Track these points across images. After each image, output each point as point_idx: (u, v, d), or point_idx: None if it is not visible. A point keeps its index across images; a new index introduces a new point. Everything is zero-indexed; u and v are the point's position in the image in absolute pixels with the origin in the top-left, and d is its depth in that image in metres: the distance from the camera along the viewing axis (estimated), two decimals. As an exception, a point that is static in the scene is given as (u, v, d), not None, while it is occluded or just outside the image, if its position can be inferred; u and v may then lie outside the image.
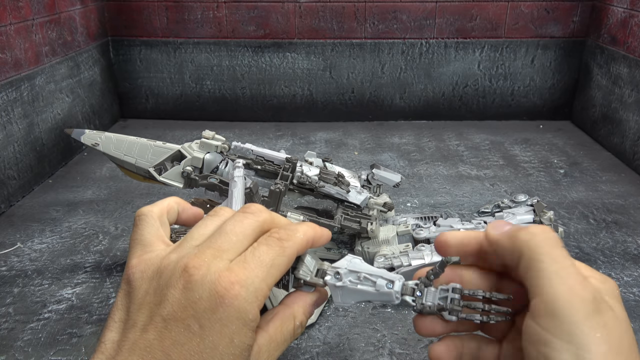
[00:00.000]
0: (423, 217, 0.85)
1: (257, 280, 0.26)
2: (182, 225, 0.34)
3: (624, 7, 1.29)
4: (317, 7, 1.46)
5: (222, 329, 0.24)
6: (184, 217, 0.34)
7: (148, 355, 0.24)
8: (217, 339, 0.24)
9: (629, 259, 0.85)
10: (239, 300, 0.25)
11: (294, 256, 0.29)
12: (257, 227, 0.29)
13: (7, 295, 0.76)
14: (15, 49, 1.07)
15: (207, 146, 0.79)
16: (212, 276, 0.25)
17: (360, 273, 0.31)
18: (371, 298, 0.31)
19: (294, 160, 0.80)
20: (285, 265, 0.28)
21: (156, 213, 0.31)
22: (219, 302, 0.24)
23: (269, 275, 0.27)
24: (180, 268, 0.25)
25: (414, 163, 1.26)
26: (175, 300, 0.25)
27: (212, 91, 1.57)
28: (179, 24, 1.49)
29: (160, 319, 0.25)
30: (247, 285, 0.25)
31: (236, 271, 0.26)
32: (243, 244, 0.28)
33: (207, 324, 0.24)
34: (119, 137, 0.80)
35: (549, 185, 1.13)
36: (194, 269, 0.25)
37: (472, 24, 1.47)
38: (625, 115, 1.27)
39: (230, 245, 0.27)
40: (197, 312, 0.24)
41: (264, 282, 0.26)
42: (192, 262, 0.25)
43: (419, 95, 1.56)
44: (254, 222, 0.29)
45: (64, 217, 0.99)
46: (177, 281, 0.25)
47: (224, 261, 0.26)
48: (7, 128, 1.04)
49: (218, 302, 0.24)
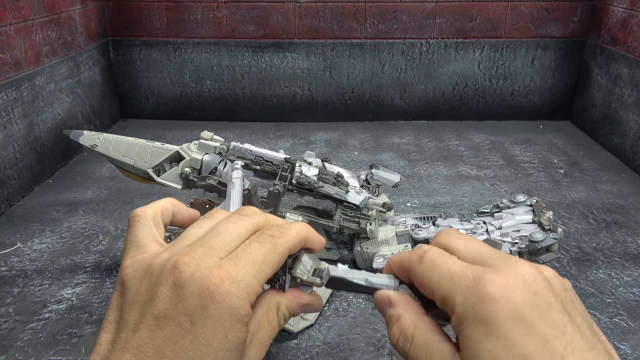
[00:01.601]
0: (422, 217, 0.85)
1: (247, 276, 0.26)
2: (178, 226, 0.34)
3: (624, 7, 1.29)
4: (317, 7, 1.46)
5: (214, 325, 0.24)
6: (179, 218, 0.34)
7: (141, 353, 0.24)
8: (210, 335, 0.24)
9: (629, 259, 0.85)
10: (230, 297, 0.25)
11: (286, 253, 0.29)
12: (251, 229, 0.29)
13: (7, 295, 0.76)
14: (15, 49, 1.07)
15: (205, 147, 0.79)
16: (202, 272, 0.25)
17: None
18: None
19: (292, 160, 0.80)
20: (277, 262, 0.28)
21: (150, 214, 0.31)
22: (209, 299, 0.24)
23: (260, 271, 0.27)
24: (170, 265, 0.25)
25: (414, 163, 1.26)
26: (166, 297, 0.25)
27: (212, 91, 1.57)
28: (179, 24, 1.49)
29: (151, 317, 0.25)
30: (238, 281, 0.25)
31: (226, 268, 0.26)
32: (235, 244, 0.28)
33: (199, 321, 0.24)
34: (117, 138, 0.80)
35: (549, 185, 1.13)
36: (183, 266, 0.25)
37: (472, 24, 1.47)
38: (625, 115, 1.27)
39: (222, 244, 0.27)
40: (188, 309, 0.24)
41: (255, 278, 0.26)
42: (182, 260, 0.26)
43: (419, 95, 1.56)
44: (248, 224, 0.29)
45: (64, 217, 1.00)
46: (166, 278, 0.25)
47: (215, 258, 0.26)
48: (7, 128, 1.04)
49: (209, 298, 0.24)
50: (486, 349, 0.23)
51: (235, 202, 0.53)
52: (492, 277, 0.24)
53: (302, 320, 0.68)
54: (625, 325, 0.71)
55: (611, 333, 0.69)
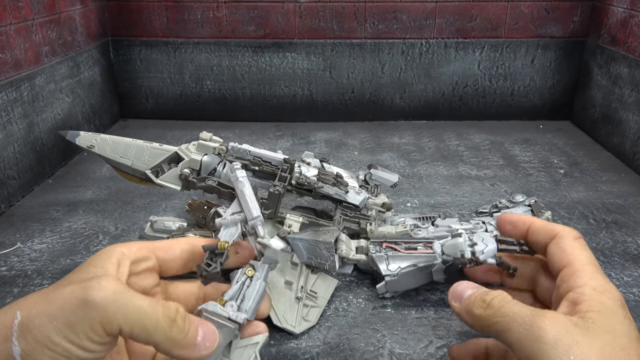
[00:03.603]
0: (421, 217, 0.85)
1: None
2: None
3: (624, 7, 1.28)
4: (317, 7, 1.46)
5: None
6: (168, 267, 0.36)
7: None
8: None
9: (629, 259, 0.85)
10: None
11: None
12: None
13: (7, 295, 0.76)
14: (15, 49, 1.07)
15: (204, 148, 0.79)
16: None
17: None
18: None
19: (291, 161, 0.80)
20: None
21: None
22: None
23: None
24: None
25: (414, 163, 1.26)
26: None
27: (212, 91, 1.57)
28: (179, 24, 1.49)
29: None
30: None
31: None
32: None
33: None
34: (114, 139, 0.79)
35: (549, 186, 1.13)
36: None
37: (472, 24, 1.47)
38: (625, 115, 1.27)
39: None
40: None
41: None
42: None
43: (419, 95, 1.56)
44: None
45: (64, 217, 1.00)
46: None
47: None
48: (7, 128, 1.04)
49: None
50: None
51: (252, 199, 0.54)
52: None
53: (304, 321, 0.68)
54: (625, 325, 0.71)
55: (611, 333, 0.69)
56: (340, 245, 0.72)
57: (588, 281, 0.28)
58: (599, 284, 0.28)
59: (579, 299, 0.27)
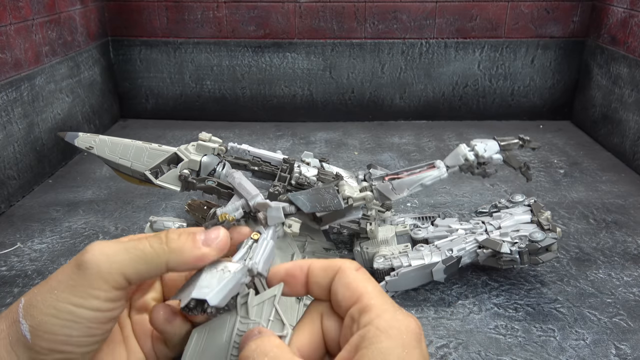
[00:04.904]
0: (421, 217, 0.85)
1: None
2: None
3: (624, 7, 1.28)
4: (317, 7, 1.46)
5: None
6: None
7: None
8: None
9: (629, 259, 0.85)
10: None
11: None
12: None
13: (7, 295, 0.76)
14: (15, 49, 1.07)
15: (203, 148, 0.79)
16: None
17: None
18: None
19: (291, 161, 0.80)
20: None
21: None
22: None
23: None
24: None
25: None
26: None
27: (212, 91, 1.57)
28: (179, 24, 1.49)
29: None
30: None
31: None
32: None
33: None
34: (113, 140, 0.79)
35: (549, 185, 1.13)
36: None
37: (472, 24, 1.47)
38: (625, 115, 1.27)
39: None
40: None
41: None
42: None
43: (419, 95, 1.56)
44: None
45: (64, 217, 1.00)
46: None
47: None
48: (7, 128, 1.04)
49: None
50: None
51: (249, 184, 0.54)
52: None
53: None
54: (625, 325, 0.71)
55: (611, 333, 0.69)
56: (342, 187, 0.73)
57: (374, 318, 0.25)
58: (384, 321, 0.25)
59: (360, 343, 0.25)
